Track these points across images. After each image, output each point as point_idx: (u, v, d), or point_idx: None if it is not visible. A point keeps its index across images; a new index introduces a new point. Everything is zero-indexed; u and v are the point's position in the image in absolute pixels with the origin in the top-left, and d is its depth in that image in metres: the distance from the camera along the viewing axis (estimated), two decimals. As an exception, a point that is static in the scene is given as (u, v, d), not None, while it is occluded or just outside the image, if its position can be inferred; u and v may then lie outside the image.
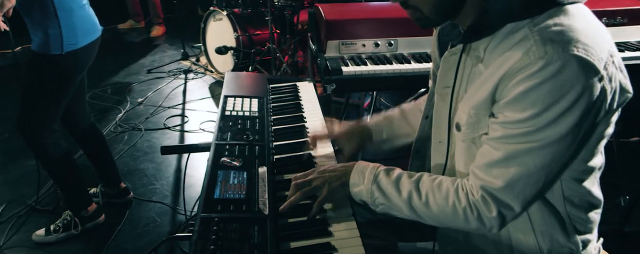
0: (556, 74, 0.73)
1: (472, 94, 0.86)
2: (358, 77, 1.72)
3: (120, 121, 3.07)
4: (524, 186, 0.81)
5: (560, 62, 0.73)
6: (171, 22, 5.23)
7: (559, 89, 0.73)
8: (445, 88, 0.95)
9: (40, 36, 1.66)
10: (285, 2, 3.44)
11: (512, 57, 0.77)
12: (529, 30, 0.77)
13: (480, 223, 0.85)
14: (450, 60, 0.92)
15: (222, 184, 1.02)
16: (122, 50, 4.65)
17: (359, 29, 1.83)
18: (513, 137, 0.79)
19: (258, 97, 1.48)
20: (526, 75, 0.75)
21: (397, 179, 0.93)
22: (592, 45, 0.74)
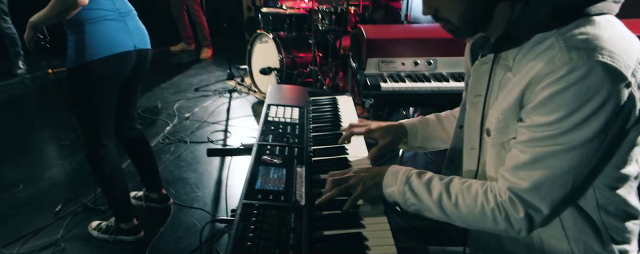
0: (581, 80, 0.75)
1: (501, 101, 0.90)
2: (396, 93, 1.78)
3: (167, 134, 3.25)
4: (550, 188, 0.82)
5: (585, 68, 0.75)
6: (219, 45, 5.52)
7: (583, 93, 0.76)
8: (477, 97, 0.99)
9: (67, 52, 1.77)
10: (328, 26, 3.58)
11: (538, 64, 0.81)
12: (555, 39, 0.81)
13: (508, 224, 0.87)
14: (481, 69, 0.96)
15: (262, 177, 1.09)
16: (173, 70, 4.93)
17: (398, 48, 1.90)
18: (539, 141, 0.81)
19: (299, 107, 1.57)
20: (552, 80, 0.77)
21: (429, 181, 0.96)
22: (618, 52, 0.76)
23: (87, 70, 1.74)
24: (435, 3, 0.90)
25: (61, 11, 1.64)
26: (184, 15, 5.28)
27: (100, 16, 1.73)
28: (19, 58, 4.67)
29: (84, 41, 1.71)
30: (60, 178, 2.70)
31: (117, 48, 1.78)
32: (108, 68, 1.78)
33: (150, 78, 4.54)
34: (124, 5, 1.85)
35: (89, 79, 1.76)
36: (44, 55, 1.95)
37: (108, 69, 1.78)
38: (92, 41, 1.72)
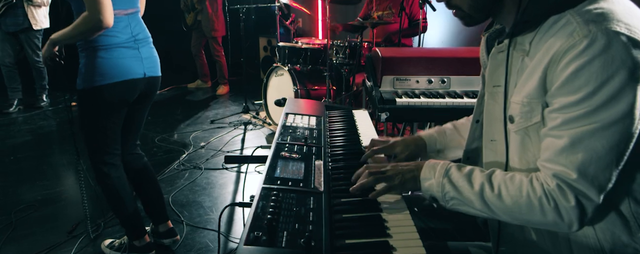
0: (604, 50, 0.74)
1: (522, 85, 0.89)
2: (411, 108, 1.81)
3: (183, 161, 3.28)
4: (596, 171, 0.78)
5: (606, 38, 0.75)
6: (235, 83, 5.68)
7: (609, 64, 0.74)
8: (495, 87, 0.99)
9: (78, 73, 1.80)
10: (342, 60, 3.68)
11: (557, 41, 0.80)
12: (570, 16, 0.81)
13: (557, 215, 0.81)
14: (498, 57, 0.97)
15: (281, 168, 1.10)
16: (190, 104, 5.05)
17: (413, 66, 1.95)
18: (574, 121, 0.78)
19: (316, 116, 1.60)
20: (573, 55, 0.77)
21: (469, 173, 0.93)
22: (634, 24, 0.77)
23: (96, 93, 1.76)
24: None
25: (83, 32, 1.65)
26: (202, 54, 5.49)
27: (115, 43, 1.76)
28: (44, 92, 4.85)
29: (95, 66, 1.73)
30: (75, 200, 2.71)
31: (126, 75, 1.79)
32: (116, 93, 1.80)
33: (167, 112, 4.65)
34: (142, 31, 1.88)
35: (97, 101, 1.79)
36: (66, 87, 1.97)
37: (116, 94, 1.80)
38: (103, 67, 1.74)
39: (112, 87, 1.77)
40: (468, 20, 0.96)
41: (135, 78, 1.83)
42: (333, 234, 0.86)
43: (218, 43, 5.30)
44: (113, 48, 1.75)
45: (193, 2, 5.17)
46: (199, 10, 5.16)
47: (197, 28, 5.31)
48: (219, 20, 5.19)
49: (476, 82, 1.93)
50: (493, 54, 0.99)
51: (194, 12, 5.21)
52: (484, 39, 1.11)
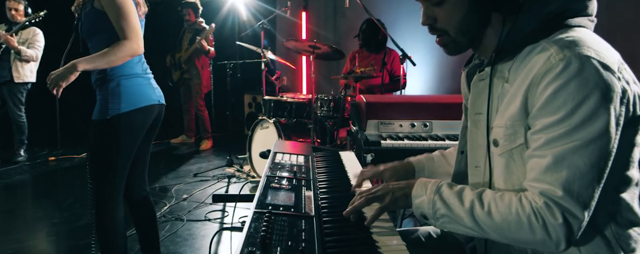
0: (579, 73, 0.81)
1: (504, 109, 0.93)
2: (395, 149, 1.86)
3: (164, 212, 3.20)
4: (580, 188, 0.81)
5: (579, 62, 0.81)
6: (218, 139, 5.71)
7: (584, 85, 0.80)
8: (477, 114, 1.04)
9: (97, 105, 1.88)
10: (327, 113, 3.78)
11: (535, 66, 0.86)
12: (546, 43, 0.88)
13: (545, 232, 0.83)
14: (480, 85, 1.03)
15: (272, 196, 1.11)
16: (173, 158, 5.02)
17: (396, 111, 2.02)
18: (556, 140, 0.82)
19: (304, 155, 1.63)
20: (552, 77, 0.82)
21: (460, 191, 0.94)
22: (602, 51, 0.84)
23: (118, 121, 1.82)
24: (434, 13, 0.98)
25: (120, 57, 1.76)
26: (192, 109, 5.55)
27: (133, 73, 1.88)
28: (22, 146, 4.77)
29: (120, 94, 1.83)
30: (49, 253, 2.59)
31: (147, 101, 1.90)
32: (137, 119, 1.87)
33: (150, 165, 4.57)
34: (145, 63, 2.01)
35: (119, 129, 1.84)
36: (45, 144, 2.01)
37: (137, 120, 1.87)
38: (126, 94, 1.84)
39: (135, 114, 1.86)
40: (452, 47, 1.01)
41: (153, 104, 1.94)
42: (326, 252, 0.86)
43: (202, 98, 5.39)
44: (133, 77, 1.87)
45: (180, 61, 5.31)
46: (185, 69, 5.29)
47: (184, 84, 5.41)
48: (206, 76, 5.33)
49: (457, 126, 2.00)
50: (475, 82, 1.04)
51: (180, 70, 5.34)
52: (464, 74, 1.18)
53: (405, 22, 4.65)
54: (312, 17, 5.72)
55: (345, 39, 5.40)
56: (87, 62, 1.75)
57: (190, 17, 5.16)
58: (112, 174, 1.90)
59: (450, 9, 0.96)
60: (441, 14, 0.98)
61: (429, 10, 0.99)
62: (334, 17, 5.69)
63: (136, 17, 1.82)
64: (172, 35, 5.43)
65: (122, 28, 1.77)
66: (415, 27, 4.55)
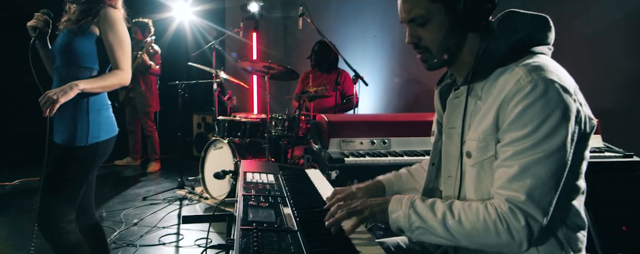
0: (543, 94, 0.93)
1: (477, 125, 1.04)
2: (358, 166, 1.94)
3: (114, 239, 3.06)
4: (540, 194, 0.93)
5: (544, 85, 0.94)
6: (166, 161, 5.54)
7: (548, 105, 0.92)
8: (451, 129, 1.14)
9: (69, 130, 1.83)
10: (281, 133, 3.81)
11: (506, 86, 0.98)
12: (515, 66, 1.00)
13: (510, 235, 0.93)
14: (455, 102, 1.13)
15: (253, 214, 1.14)
16: (119, 181, 4.80)
17: (357, 130, 2.11)
18: (522, 152, 0.94)
19: (273, 174, 1.66)
20: (521, 97, 0.94)
21: (432, 203, 1.04)
22: (561, 75, 0.98)
23: (97, 148, 1.85)
24: (418, 33, 1.09)
25: (112, 85, 1.82)
26: (138, 130, 5.36)
27: (108, 103, 1.95)
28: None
29: (100, 123, 1.86)
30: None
31: (115, 130, 1.96)
32: (108, 147, 1.91)
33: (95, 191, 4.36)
34: None
35: (91, 157, 1.85)
36: None
37: (108, 148, 1.91)
38: (106, 123, 1.89)
39: (108, 143, 1.90)
40: (431, 63, 1.11)
41: (116, 134, 1.99)
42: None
43: (150, 119, 5.23)
44: (108, 107, 1.94)
45: (125, 80, 5.15)
46: (130, 88, 5.13)
47: (130, 104, 5.24)
48: (153, 96, 5.19)
49: (414, 142, 2.14)
50: (450, 100, 1.15)
51: (125, 89, 5.17)
52: (437, 91, 1.27)
53: (355, 44, 4.84)
54: (263, 37, 5.78)
55: (296, 60, 5.50)
56: (87, 83, 1.77)
57: (136, 35, 5.04)
58: (74, 200, 1.87)
59: (433, 30, 1.07)
60: (424, 34, 1.08)
61: (414, 31, 1.10)
62: (284, 38, 5.79)
63: (130, 49, 1.89)
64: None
65: (118, 58, 1.83)
66: (364, 49, 4.75)
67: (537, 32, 1.06)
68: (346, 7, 4.97)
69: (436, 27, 1.06)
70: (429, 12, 1.05)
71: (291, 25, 5.60)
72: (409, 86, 4.44)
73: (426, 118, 2.28)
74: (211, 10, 5.97)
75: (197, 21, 5.59)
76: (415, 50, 1.13)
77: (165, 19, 5.60)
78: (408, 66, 4.44)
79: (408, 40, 1.12)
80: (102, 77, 1.81)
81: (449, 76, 1.25)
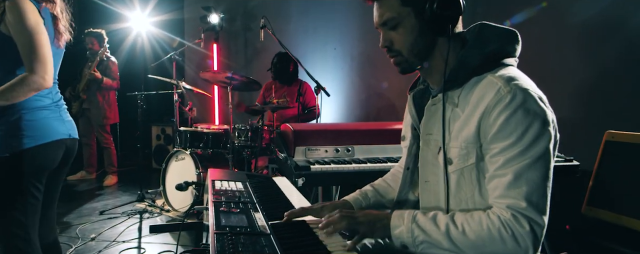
0: (522, 104, 0.99)
1: (458, 132, 1.08)
2: (324, 173, 2.00)
3: (70, 255, 2.95)
4: (538, 198, 0.97)
5: (522, 95, 1.00)
6: (123, 174, 5.39)
7: (528, 113, 0.98)
8: (428, 135, 1.18)
9: None
10: (244, 143, 3.82)
11: (486, 96, 1.03)
12: (492, 77, 1.06)
13: (515, 242, 0.96)
14: (432, 109, 1.17)
15: (225, 219, 1.17)
16: (72, 196, 4.62)
17: (321, 138, 2.18)
18: (513, 159, 0.98)
19: (241, 181, 1.69)
20: (502, 107, 1.00)
21: (434, 216, 1.06)
22: (533, 85, 1.05)
23: (21, 158, 1.64)
24: (391, 36, 1.15)
25: (23, 93, 1.59)
26: (93, 143, 5.19)
27: (39, 105, 1.70)
28: None
29: (20, 129, 1.64)
30: None
31: (53, 135, 1.72)
32: (43, 156, 1.70)
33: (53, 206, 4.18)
34: (61, 98, 1.84)
35: (21, 167, 1.65)
36: None
37: (43, 157, 1.70)
38: (28, 129, 1.65)
39: (38, 150, 1.66)
40: (404, 66, 1.17)
41: (62, 139, 1.76)
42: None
43: (106, 131, 5.09)
44: (38, 110, 1.69)
45: (79, 91, 4.99)
46: (84, 99, 4.98)
47: (84, 115, 5.07)
48: (111, 107, 5.06)
49: (376, 150, 2.22)
50: (428, 107, 1.19)
51: (79, 101, 5.01)
52: (410, 97, 1.32)
53: (316, 56, 4.94)
54: (223, 49, 5.78)
55: (257, 71, 5.53)
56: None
57: (93, 46, 4.92)
58: (19, 213, 1.69)
59: (404, 32, 1.13)
60: (396, 37, 1.15)
61: (387, 35, 1.16)
62: (245, 49, 5.82)
63: (47, 48, 1.64)
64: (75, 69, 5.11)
65: (29, 59, 1.57)
66: (324, 62, 4.86)
67: (507, 44, 1.13)
68: (306, 20, 5.07)
69: (407, 30, 1.12)
70: (400, 15, 1.12)
71: (252, 37, 5.64)
72: (370, 98, 4.58)
73: (387, 127, 2.38)
74: (170, 21, 5.92)
75: (155, 32, 5.53)
76: (389, 55, 1.18)
77: (122, 29, 5.51)
78: (368, 79, 4.57)
79: (381, 44, 1.17)
80: (7, 87, 1.57)
81: (421, 82, 1.31)
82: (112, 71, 4.94)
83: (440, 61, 1.16)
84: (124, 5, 5.64)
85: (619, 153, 2.11)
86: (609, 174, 2.14)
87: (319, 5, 4.92)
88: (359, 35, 4.61)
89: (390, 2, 1.13)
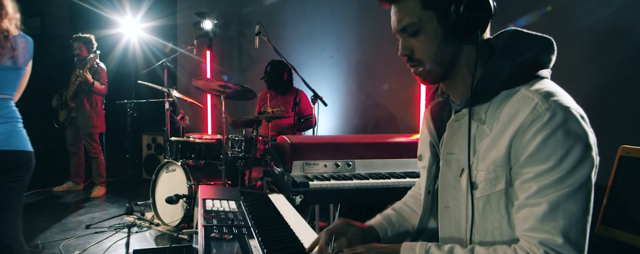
0: (563, 123, 0.85)
1: (485, 154, 0.94)
2: (323, 190, 1.86)
3: (52, 273, 2.78)
4: (576, 234, 0.83)
5: (562, 113, 0.86)
6: (112, 185, 5.22)
7: (569, 134, 0.84)
8: (449, 154, 1.04)
9: None
10: (238, 154, 3.68)
11: (520, 113, 0.89)
12: (527, 92, 0.91)
13: None
14: (455, 125, 1.03)
15: (217, 249, 1.03)
16: (58, 209, 4.43)
17: (320, 152, 2.05)
18: (548, 187, 0.85)
19: (234, 200, 1.55)
20: (539, 126, 0.86)
21: (450, 250, 0.93)
22: (573, 102, 0.91)
23: None
24: (411, 44, 1.01)
25: None
26: (81, 152, 5.02)
27: None
28: None
29: None
30: None
31: None
32: None
33: (28, 220, 4.00)
34: None
35: None
36: None
37: None
38: None
39: None
40: (425, 77, 1.03)
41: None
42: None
43: (94, 140, 4.91)
44: None
45: (66, 99, 4.83)
46: (72, 107, 4.82)
47: (71, 124, 4.90)
48: (98, 116, 4.89)
49: (378, 165, 2.09)
50: (450, 123, 1.05)
51: (67, 109, 4.84)
52: (428, 110, 1.18)
53: (312, 64, 4.83)
54: (217, 55, 5.65)
55: (251, 78, 5.41)
56: None
57: (81, 51, 4.76)
58: None
59: (425, 39, 0.99)
60: (417, 45, 1.00)
61: (406, 42, 1.02)
62: (239, 56, 5.69)
63: None
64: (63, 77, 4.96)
65: None
66: (321, 69, 4.74)
67: (541, 54, 0.98)
68: (302, 27, 4.96)
69: (429, 37, 0.99)
70: (421, 19, 0.98)
71: (246, 43, 5.52)
72: (368, 106, 4.46)
73: (389, 140, 2.26)
74: (162, 27, 5.79)
75: (147, 38, 5.39)
76: (409, 64, 1.05)
77: (113, 35, 5.37)
78: (365, 87, 4.46)
79: (400, 53, 1.04)
80: None
81: (440, 93, 1.17)
82: (101, 76, 4.79)
83: (465, 72, 1.02)
84: (115, 10, 5.51)
85: (635, 170, 1.99)
86: (625, 192, 2.02)
87: (314, 11, 4.82)
88: (356, 42, 4.50)
89: (410, 5, 0.99)
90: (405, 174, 2.08)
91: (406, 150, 2.15)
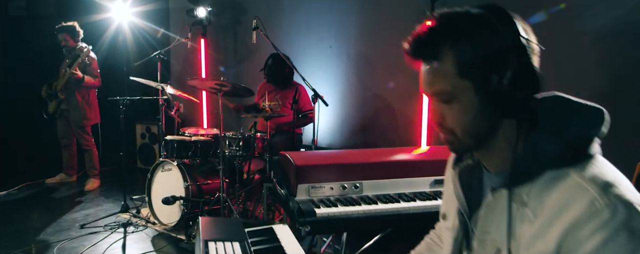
0: (627, 222, 0.74)
1: (530, 242, 0.83)
2: (331, 219, 1.78)
3: (48, 283, 2.71)
4: None
5: (627, 210, 0.75)
6: (107, 176, 5.11)
7: (632, 237, 0.73)
8: (485, 234, 0.93)
9: None
10: (235, 152, 3.57)
11: (573, 205, 0.78)
12: (579, 179, 0.80)
13: None
14: (492, 204, 0.92)
15: None
16: (51, 205, 4.34)
17: (326, 173, 1.95)
18: None
19: (239, 241, 1.46)
20: (597, 225, 0.75)
21: None
22: (634, 193, 0.78)
23: None
24: (442, 110, 0.90)
25: None
26: (73, 144, 4.89)
27: None
28: None
29: None
30: None
31: None
32: None
33: (19, 218, 3.91)
34: None
35: None
36: None
37: None
38: None
39: None
40: (457, 146, 0.92)
41: None
42: None
43: (86, 132, 4.78)
44: None
45: (56, 91, 4.65)
46: (62, 99, 4.65)
47: (62, 116, 4.75)
48: (91, 108, 4.74)
49: (386, 185, 2.00)
50: (488, 204, 0.93)
51: (56, 100, 4.68)
52: (456, 175, 1.05)
53: (310, 54, 4.67)
54: (211, 43, 5.44)
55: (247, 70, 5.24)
56: None
57: (67, 42, 4.56)
58: None
59: (459, 109, 0.87)
60: (449, 112, 0.89)
61: (437, 107, 0.91)
62: (234, 46, 5.49)
63: None
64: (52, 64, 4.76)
65: None
66: (319, 59, 4.59)
67: (592, 127, 0.85)
68: (300, 16, 4.77)
69: (463, 108, 0.87)
70: (455, 88, 0.86)
71: (242, 31, 5.32)
72: (368, 99, 4.35)
73: (396, 158, 2.16)
74: (154, 12, 5.54)
75: (138, 23, 5.17)
76: (439, 128, 0.93)
77: (101, 21, 5.14)
78: (365, 79, 4.33)
79: (432, 118, 0.92)
80: None
81: (470, 156, 1.04)
82: (92, 67, 4.61)
83: (502, 144, 0.90)
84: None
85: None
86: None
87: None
88: (357, 33, 4.34)
89: (444, 70, 0.86)
90: (414, 195, 2.00)
91: (415, 169, 2.07)
